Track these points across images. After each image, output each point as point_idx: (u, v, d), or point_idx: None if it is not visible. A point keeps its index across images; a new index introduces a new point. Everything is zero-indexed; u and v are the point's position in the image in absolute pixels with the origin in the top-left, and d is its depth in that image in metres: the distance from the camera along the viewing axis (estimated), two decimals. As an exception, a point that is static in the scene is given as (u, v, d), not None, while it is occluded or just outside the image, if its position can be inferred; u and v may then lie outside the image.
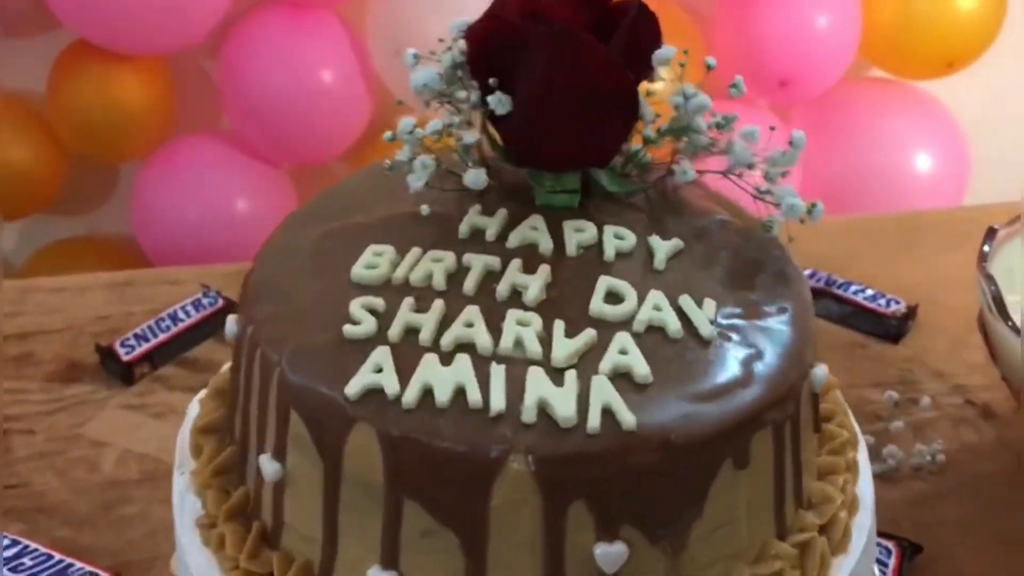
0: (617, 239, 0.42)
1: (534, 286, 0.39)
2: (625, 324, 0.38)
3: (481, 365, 0.36)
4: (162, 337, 0.71)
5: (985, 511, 0.60)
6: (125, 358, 0.69)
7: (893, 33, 1.32)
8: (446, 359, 0.36)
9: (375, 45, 1.26)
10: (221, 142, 1.30)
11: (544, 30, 0.40)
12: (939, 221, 0.91)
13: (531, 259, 0.40)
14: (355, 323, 0.37)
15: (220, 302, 0.74)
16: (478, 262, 0.40)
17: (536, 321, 0.37)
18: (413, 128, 0.41)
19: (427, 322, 0.37)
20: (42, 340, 0.73)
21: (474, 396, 0.34)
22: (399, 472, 0.34)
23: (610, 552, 0.34)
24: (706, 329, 0.38)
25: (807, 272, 0.78)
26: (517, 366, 0.36)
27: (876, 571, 0.55)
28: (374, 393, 0.35)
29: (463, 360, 0.36)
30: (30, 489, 0.61)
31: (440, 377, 0.35)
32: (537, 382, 0.35)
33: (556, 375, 0.35)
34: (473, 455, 0.33)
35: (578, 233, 0.42)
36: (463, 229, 0.41)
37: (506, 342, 0.36)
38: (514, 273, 0.39)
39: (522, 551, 0.34)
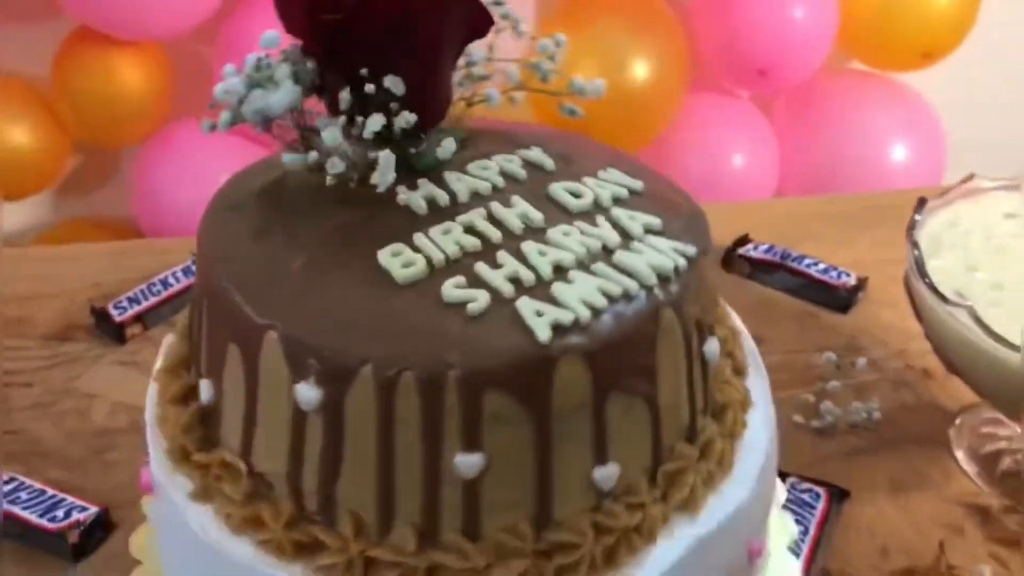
0: (510, 163, 0.46)
1: (523, 216, 0.43)
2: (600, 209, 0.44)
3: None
4: (152, 300, 0.76)
5: (912, 464, 0.65)
6: (118, 319, 0.74)
7: (870, 25, 1.36)
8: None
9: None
10: (218, 126, 1.35)
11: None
12: (897, 202, 0.95)
13: (484, 202, 0.44)
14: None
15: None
16: (456, 226, 0.42)
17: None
18: (241, 98, 0.43)
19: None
20: (41, 303, 0.78)
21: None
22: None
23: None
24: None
25: (764, 247, 0.83)
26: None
27: (806, 513, 0.59)
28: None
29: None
30: (27, 435, 0.66)
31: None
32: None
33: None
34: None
35: (484, 171, 0.46)
36: (415, 206, 0.43)
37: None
38: (498, 211, 0.43)
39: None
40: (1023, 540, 0.59)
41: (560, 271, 0.41)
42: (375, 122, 0.41)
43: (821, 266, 0.80)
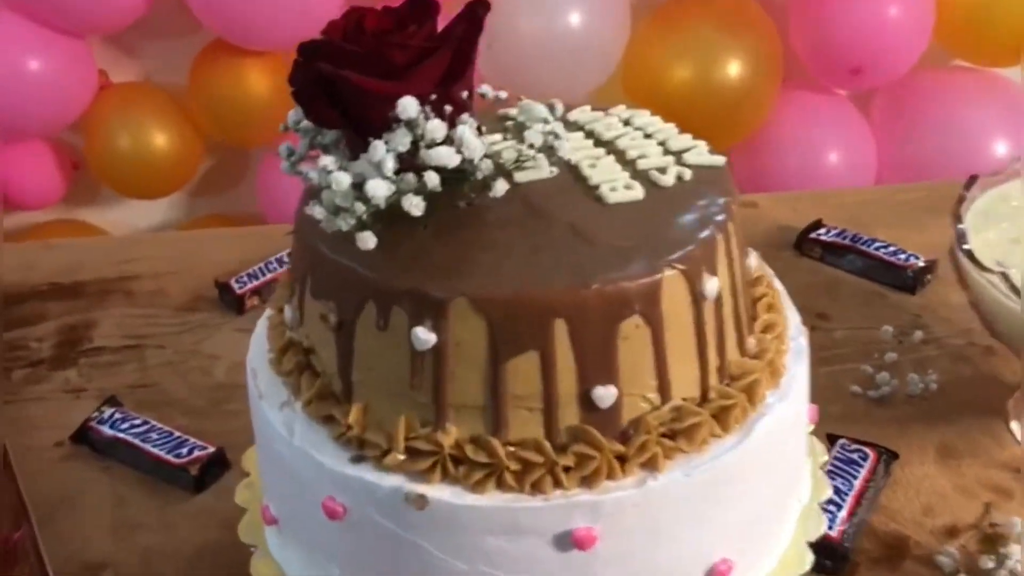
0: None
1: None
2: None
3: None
4: (268, 276, 0.85)
5: (966, 432, 0.68)
6: (238, 291, 0.84)
7: (967, 20, 1.36)
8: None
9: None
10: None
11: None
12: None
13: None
14: None
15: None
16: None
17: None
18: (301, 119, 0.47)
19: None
20: (173, 279, 0.88)
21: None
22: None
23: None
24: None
25: (835, 230, 0.86)
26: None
27: (852, 470, 0.63)
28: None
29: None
30: (159, 388, 0.76)
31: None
32: None
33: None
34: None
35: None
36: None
37: None
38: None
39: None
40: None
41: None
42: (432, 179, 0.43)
43: (891, 249, 0.83)
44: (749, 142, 1.41)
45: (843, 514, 0.60)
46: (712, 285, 0.44)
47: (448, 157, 0.43)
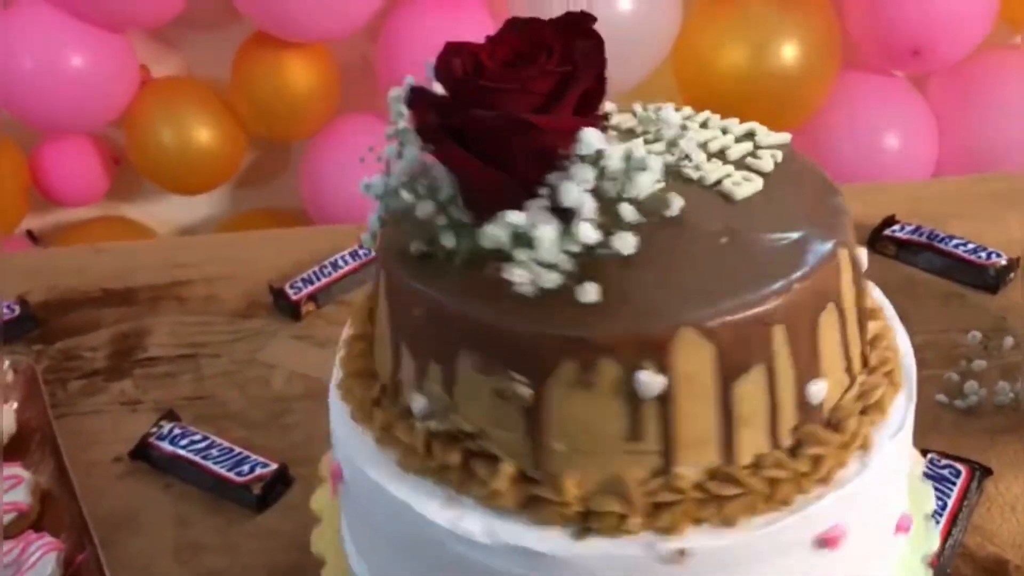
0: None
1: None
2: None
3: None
4: (324, 281, 0.83)
5: (1062, 444, 0.64)
6: (294, 297, 0.81)
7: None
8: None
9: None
10: (380, 121, 1.43)
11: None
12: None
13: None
14: None
15: (373, 253, 0.85)
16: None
17: None
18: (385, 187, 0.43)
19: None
20: (227, 284, 0.86)
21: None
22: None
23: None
24: None
25: (910, 227, 0.82)
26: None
27: (944, 488, 0.60)
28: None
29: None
30: (216, 400, 0.74)
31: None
32: None
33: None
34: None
35: None
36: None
37: None
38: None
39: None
40: None
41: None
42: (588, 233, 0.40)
43: (970, 246, 0.79)
44: (806, 127, 1.37)
45: (937, 536, 0.57)
46: (863, 255, 0.45)
47: (648, 185, 0.40)
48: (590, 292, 0.39)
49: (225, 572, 0.61)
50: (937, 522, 0.57)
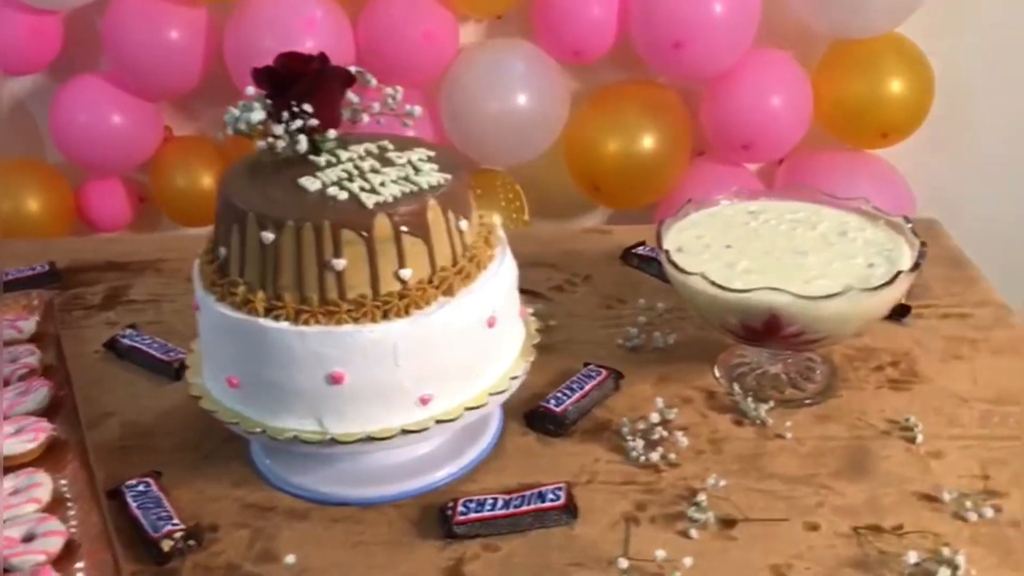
0: (364, 145, 0.89)
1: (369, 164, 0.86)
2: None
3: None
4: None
5: (681, 370, 1.01)
6: (228, 269, 1.21)
7: (836, 108, 1.70)
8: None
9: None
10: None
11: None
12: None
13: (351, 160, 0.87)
14: None
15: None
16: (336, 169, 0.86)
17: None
18: (236, 118, 0.87)
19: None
20: (187, 262, 1.26)
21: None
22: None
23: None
24: None
25: (647, 248, 1.21)
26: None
27: (589, 378, 0.97)
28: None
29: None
30: (166, 324, 1.14)
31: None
32: None
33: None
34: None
35: (351, 148, 0.88)
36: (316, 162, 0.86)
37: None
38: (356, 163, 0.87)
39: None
40: None
41: (382, 184, 0.83)
42: (298, 126, 0.84)
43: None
44: (666, 201, 1.76)
45: (572, 399, 0.94)
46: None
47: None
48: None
49: (156, 408, 1.00)
50: (575, 393, 0.94)
